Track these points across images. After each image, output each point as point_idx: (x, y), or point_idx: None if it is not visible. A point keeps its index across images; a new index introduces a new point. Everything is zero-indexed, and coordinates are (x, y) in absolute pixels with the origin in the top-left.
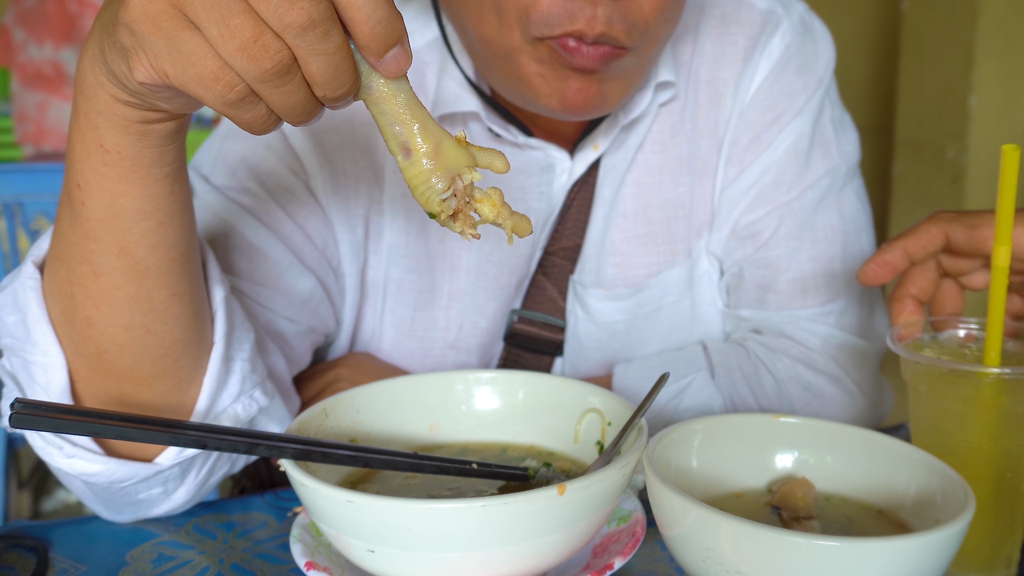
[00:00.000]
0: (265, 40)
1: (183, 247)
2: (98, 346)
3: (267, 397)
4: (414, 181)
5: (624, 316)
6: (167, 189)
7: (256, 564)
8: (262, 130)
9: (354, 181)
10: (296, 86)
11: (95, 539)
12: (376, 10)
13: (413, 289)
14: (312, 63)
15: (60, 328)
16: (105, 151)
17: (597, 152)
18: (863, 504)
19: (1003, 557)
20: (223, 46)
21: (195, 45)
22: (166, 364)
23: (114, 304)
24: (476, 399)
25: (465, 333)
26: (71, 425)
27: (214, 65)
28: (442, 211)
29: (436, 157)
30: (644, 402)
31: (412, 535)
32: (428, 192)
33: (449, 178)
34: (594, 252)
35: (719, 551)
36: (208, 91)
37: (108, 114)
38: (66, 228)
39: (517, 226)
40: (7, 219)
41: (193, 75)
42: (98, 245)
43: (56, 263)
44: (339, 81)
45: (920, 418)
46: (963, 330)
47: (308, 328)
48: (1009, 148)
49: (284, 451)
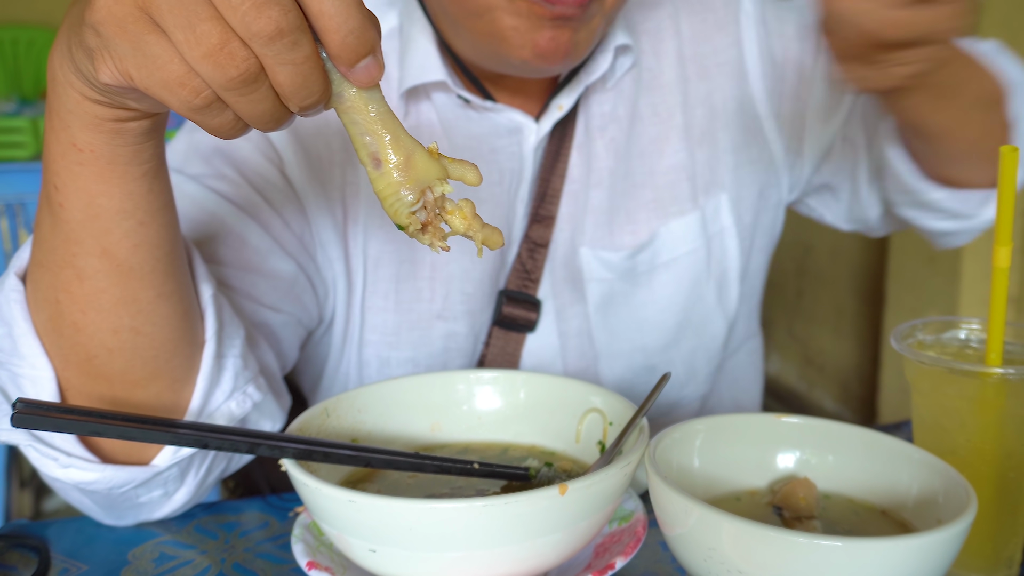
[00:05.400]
0: (231, 48)
1: (167, 246)
2: (87, 351)
3: (260, 392)
4: (383, 193)
5: (646, 267)
6: (146, 187)
7: (257, 564)
8: (230, 135)
9: (328, 164)
10: (263, 95)
11: (97, 538)
12: (348, 20)
13: (393, 261)
14: (280, 73)
15: (47, 337)
16: (79, 150)
17: (561, 112)
18: (865, 504)
19: (1005, 557)
20: (189, 52)
21: (160, 49)
22: (158, 365)
23: (100, 308)
24: (477, 399)
25: (452, 301)
26: (72, 425)
27: (179, 70)
28: (410, 223)
29: (407, 169)
30: (645, 402)
31: (414, 535)
32: (397, 204)
33: (419, 190)
34: (604, 220)
35: (721, 551)
36: (173, 96)
37: (79, 112)
38: (47, 232)
39: (488, 239)
40: (9, 219)
41: (158, 79)
42: (80, 248)
43: (39, 270)
44: (308, 91)
45: (922, 418)
46: (964, 330)
47: (294, 319)
48: (1008, 149)
49: (286, 451)
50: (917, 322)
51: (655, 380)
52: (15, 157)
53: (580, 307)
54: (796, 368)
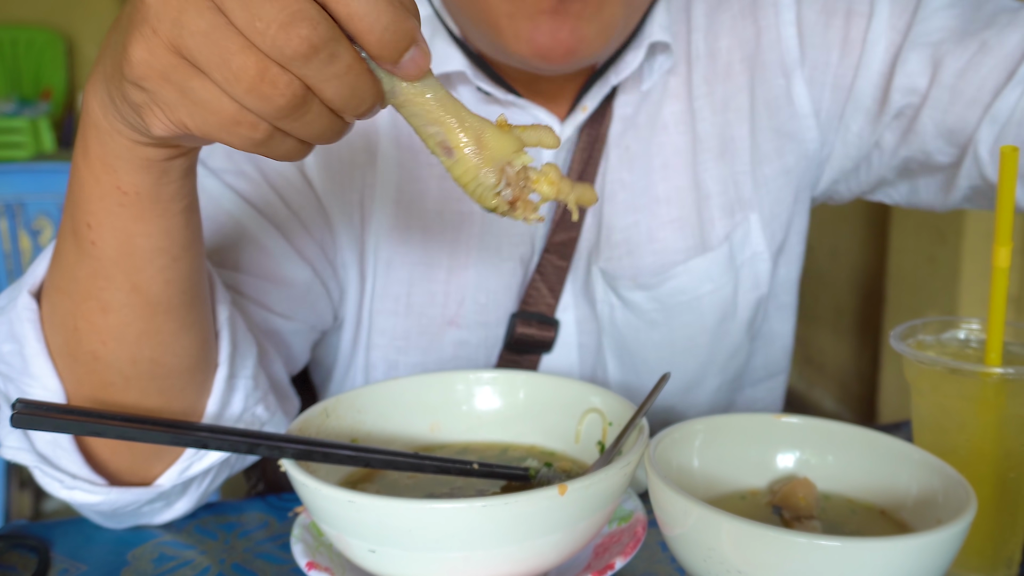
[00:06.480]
0: (271, 76)
1: (195, 277)
2: (103, 379)
3: (268, 413)
4: (462, 180)
5: (658, 305)
6: (183, 223)
7: (257, 564)
8: (297, 158)
9: (349, 166)
10: (317, 113)
11: (96, 539)
12: (380, 16)
13: (406, 263)
14: (326, 89)
15: (61, 360)
16: (123, 192)
17: (585, 114)
18: (865, 504)
19: (1005, 557)
20: (232, 89)
21: (207, 93)
22: (172, 394)
23: (122, 340)
24: (477, 399)
25: (466, 309)
26: (72, 425)
27: (231, 109)
28: (498, 204)
29: (480, 150)
30: (645, 402)
31: (413, 535)
32: (479, 189)
33: (499, 169)
34: (622, 238)
35: (720, 551)
36: (232, 135)
37: (128, 157)
38: (71, 263)
39: (581, 197)
40: (8, 219)
41: (213, 123)
42: (108, 283)
43: (58, 294)
44: (359, 100)
45: (922, 418)
46: (964, 330)
47: (307, 326)
48: (1008, 149)
49: (285, 451)
50: (917, 322)
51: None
52: (15, 157)
53: (594, 325)
54: (796, 368)
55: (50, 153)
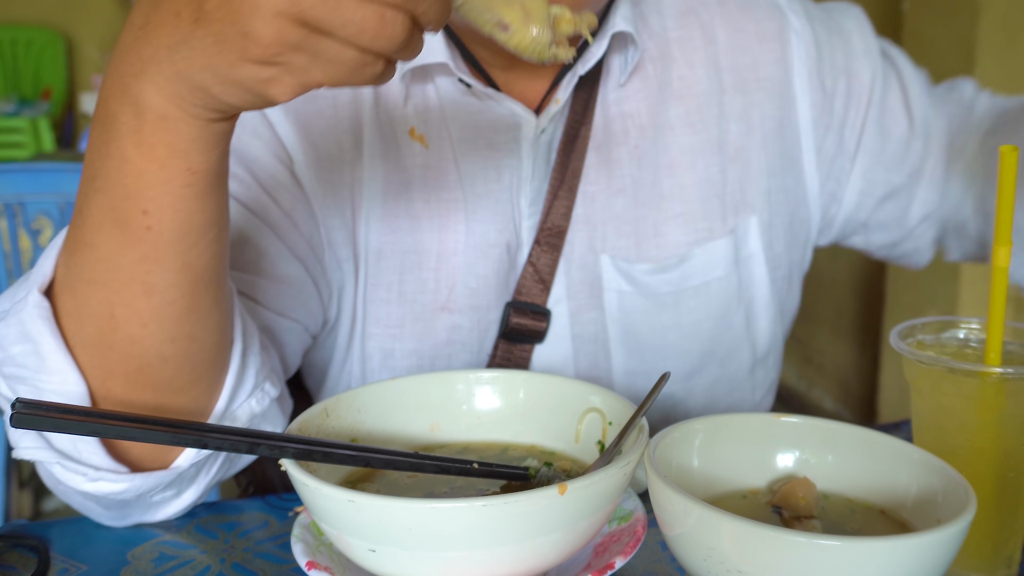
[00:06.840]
0: (389, 19)
1: (226, 250)
2: (140, 362)
3: (276, 388)
4: (522, 46)
5: (671, 288)
6: (225, 194)
7: (257, 564)
8: (383, 81)
9: (339, 163)
10: (419, 38)
11: (96, 539)
12: None
13: (395, 252)
14: (427, 13)
15: (89, 350)
16: (192, 172)
17: (558, 106)
18: (864, 504)
19: (1004, 557)
20: (358, 40)
21: (336, 50)
22: (203, 370)
23: (163, 320)
24: (477, 399)
25: (456, 294)
26: (72, 425)
27: (357, 57)
28: (555, 54)
29: (528, 18)
30: (645, 401)
31: (413, 535)
32: (539, 48)
33: (548, 27)
34: (629, 229)
35: (720, 550)
36: (359, 77)
37: (203, 138)
38: (110, 252)
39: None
40: (8, 219)
41: (344, 73)
42: (156, 265)
43: (89, 286)
44: (447, 13)
45: (922, 417)
46: (964, 330)
47: (300, 326)
48: (1007, 148)
49: (285, 451)
50: (917, 322)
51: (671, 407)
52: (15, 157)
53: (597, 314)
54: (796, 368)
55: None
